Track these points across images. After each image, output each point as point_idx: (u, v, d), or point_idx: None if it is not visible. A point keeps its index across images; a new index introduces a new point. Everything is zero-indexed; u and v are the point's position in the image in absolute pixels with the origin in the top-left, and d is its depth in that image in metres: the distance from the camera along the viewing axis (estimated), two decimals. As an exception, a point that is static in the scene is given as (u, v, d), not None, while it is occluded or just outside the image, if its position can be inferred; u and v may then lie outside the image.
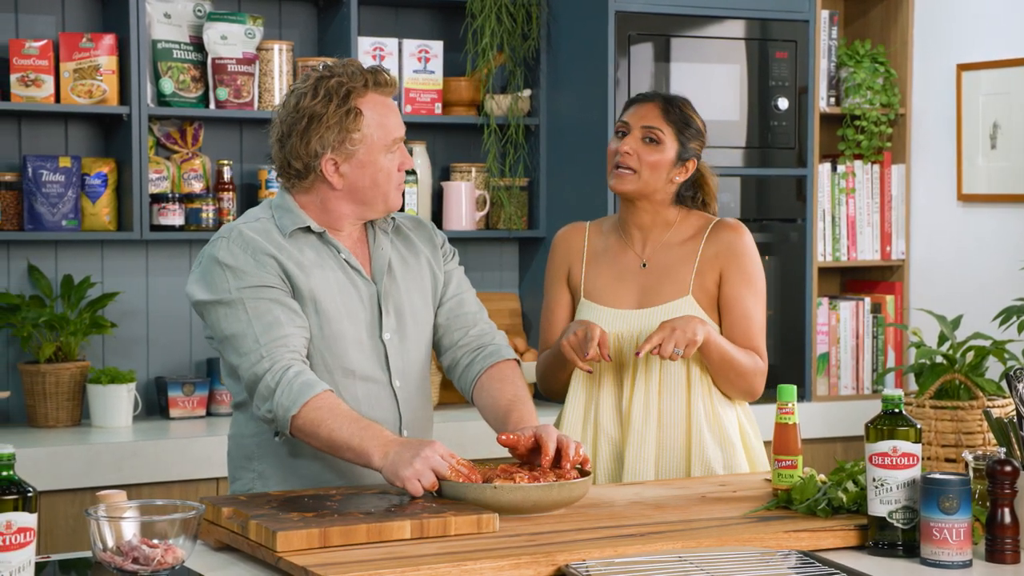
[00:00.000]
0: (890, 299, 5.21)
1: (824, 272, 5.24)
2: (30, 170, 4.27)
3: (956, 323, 3.83)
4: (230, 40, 4.46)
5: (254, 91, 4.50)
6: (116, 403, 4.25)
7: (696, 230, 3.24)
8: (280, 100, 2.87)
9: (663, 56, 4.66)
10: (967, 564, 2.38)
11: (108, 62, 4.31)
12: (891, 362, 5.18)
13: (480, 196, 4.86)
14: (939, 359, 3.69)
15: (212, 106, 4.47)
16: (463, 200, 4.80)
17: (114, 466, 3.96)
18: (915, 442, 2.46)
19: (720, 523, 2.56)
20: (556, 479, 2.62)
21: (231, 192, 4.49)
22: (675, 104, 3.22)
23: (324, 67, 2.82)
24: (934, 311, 4.03)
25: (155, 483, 4.00)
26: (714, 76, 4.73)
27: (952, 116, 5.04)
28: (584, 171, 4.68)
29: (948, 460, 3.53)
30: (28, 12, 4.41)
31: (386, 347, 2.86)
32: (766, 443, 3.25)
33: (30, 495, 2.06)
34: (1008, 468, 2.41)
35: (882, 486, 2.46)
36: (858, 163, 5.18)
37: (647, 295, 3.21)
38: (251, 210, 2.92)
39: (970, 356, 3.65)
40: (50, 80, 4.27)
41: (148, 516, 2.21)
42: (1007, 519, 2.41)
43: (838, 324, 5.13)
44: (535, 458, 2.69)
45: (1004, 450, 2.57)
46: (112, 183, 4.38)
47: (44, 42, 4.28)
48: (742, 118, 4.79)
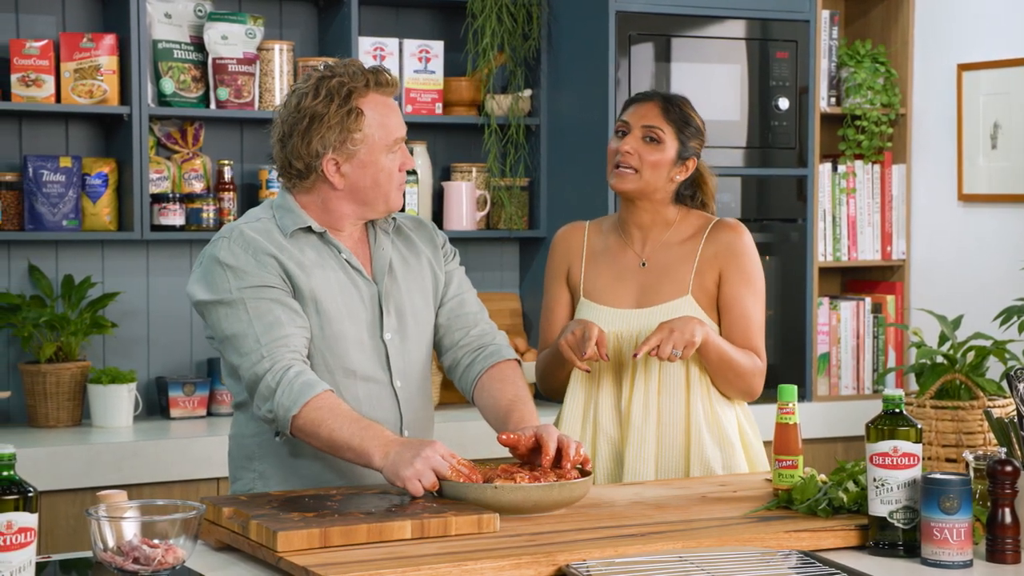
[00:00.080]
0: (891, 299, 5.21)
1: (825, 272, 5.24)
2: (31, 170, 4.27)
3: (957, 323, 3.83)
4: (231, 40, 4.46)
5: (255, 91, 4.50)
6: (117, 403, 4.25)
7: (696, 230, 3.24)
8: (281, 100, 2.87)
9: (664, 56, 4.66)
10: (968, 564, 2.38)
11: (109, 62, 4.31)
12: (892, 362, 5.18)
13: (481, 196, 4.86)
14: (940, 359, 3.69)
15: (213, 106, 4.47)
16: (464, 200, 4.80)
17: (115, 466, 3.96)
18: (916, 442, 2.46)
19: (721, 523, 2.56)
20: (557, 479, 2.62)
21: (232, 192, 4.49)
22: (675, 103, 3.22)
23: (325, 67, 2.82)
24: (935, 311, 4.03)
25: (156, 483, 4.00)
26: (715, 76, 4.73)
27: (953, 116, 5.04)
28: (585, 171, 4.68)
29: (949, 460, 3.53)
30: (29, 12, 4.41)
31: (387, 347, 2.86)
32: (766, 443, 3.25)
33: (31, 495, 2.06)
34: (1009, 468, 2.41)
35: (883, 486, 2.46)
36: (859, 163, 5.18)
37: (646, 294, 3.21)
38: (252, 210, 2.92)
39: (971, 356, 3.65)
40: (51, 80, 4.27)
41: (149, 516, 2.21)
42: (1008, 519, 2.41)
43: (839, 324, 5.13)
44: (536, 458, 2.69)
45: (1005, 450, 2.57)
46: (113, 183, 4.38)
47: (45, 42, 4.28)
48: (743, 118, 4.79)
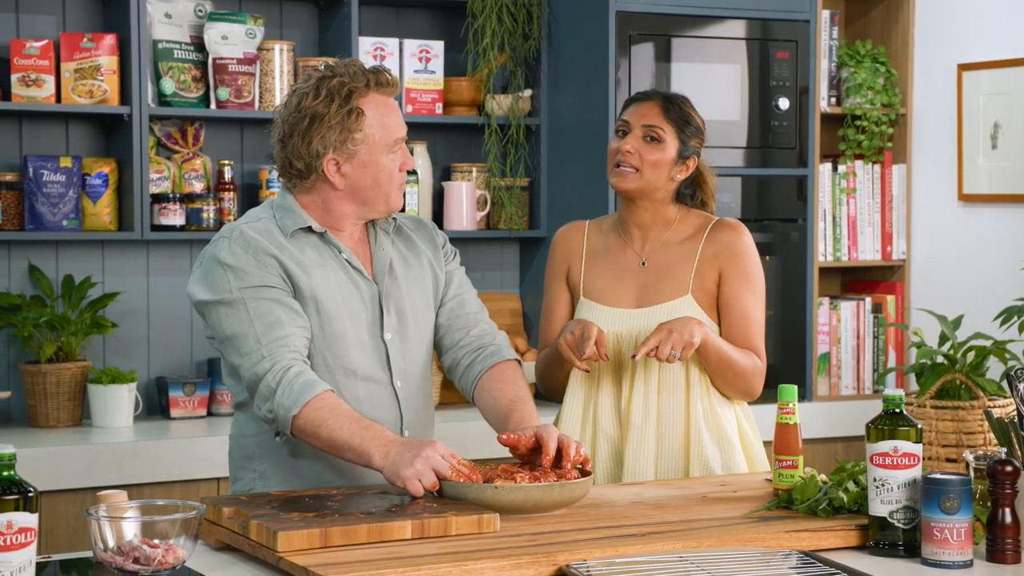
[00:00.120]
0: (891, 299, 5.21)
1: (825, 272, 5.24)
2: (31, 170, 4.27)
3: (957, 323, 3.83)
4: (231, 40, 4.46)
5: (255, 91, 4.50)
6: (117, 403, 4.25)
7: (695, 229, 3.24)
8: (282, 100, 2.87)
9: (664, 56, 4.66)
10: (968, 564, 2.38)
11: (109, 62, 4.31)
12: (892, 362, 5.18)
13: (481, 196, 4.86)
14: (940, 359, 3.69)
15: (213, 106, 4.47)
16: (464, 200, 4.80)
17: (115, 466, 3.96)
18: (916, 442, 2.46)
19: (721, 523, 2.56)
20: (557, 479, 2.62)
21: (232, 192, 4.49)
22: (675, 102, 3.21)
23: (326, 67, 2.82)
24: (935, 311, 4.03)
25: (156, 483, 4.00)
26: (715, 76, 4.73)
27: (953, 116, 5.04)
28: (585, 171, 4.68)
29: (949, 460, 3.53)
30: (29, 12, 4.41)
31: (387, 347, 2.86)
32: (765, 443, 3.25)
33: (31, 495, 2.06)
34: (1009, 468, 2.41)
35: (883, 486, 2.46)
36: (859, 163, 5.18)
37: (646, 294, 3.21)
38: (252, 210, 2.92)
39: (971, 356, 3.65)
40: (51, 80, 4.27)
41: (149, 516, 2.21)
42: (1008, 519, 2.41)
43: (839, 324, 5.13)
44: (536, 458, 2.69)
45: (1005, 450, 2.57)
46: (113, 183, 4.38)
47: (45, 42, 4.28)
48: (743, 118, 4.79)
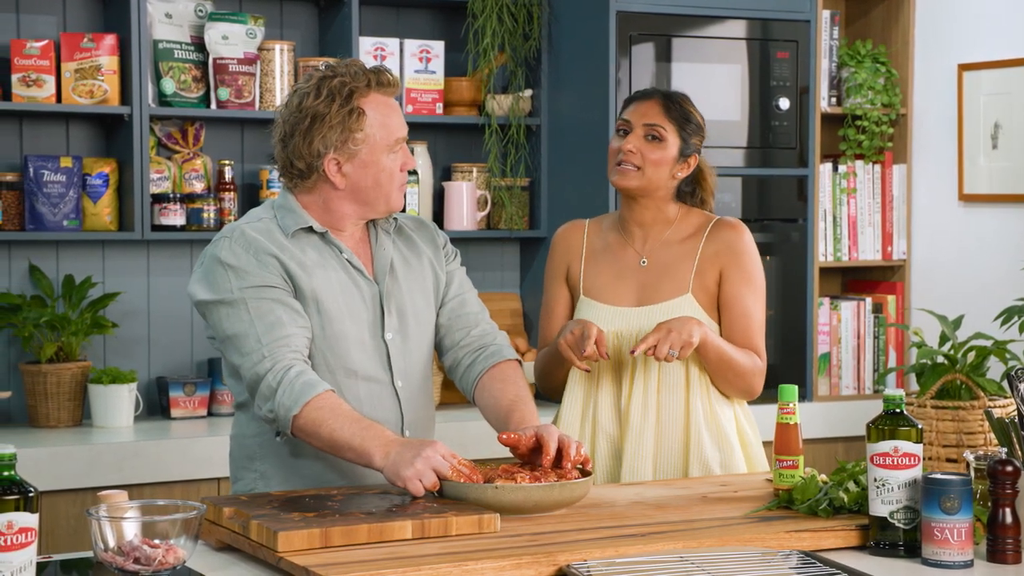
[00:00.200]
0: (891, 299, 5.21)
1: (825, 272, 5.24)
2: (31, 170, 4.27)
3: (957, 323, 3.83)
4: (231, 40, 4.46)
5: (255, 91, 4.50)
6: (117, 403, 4.25)
7: (696, 228, 3.24)
8: (282, 100, 2.87)
9: (664, 56, 4.66)
10: (968, 564, 2.38)
11: (109, 62, 4.31)
12: (892, 362, 5.18)
13: (481, 196, 4.86)
14: (940, 359, 3.69)
15: (213, 106, 4.47)
16: (464, 200, 4.80)
17: (115, 466, 3.96)
18: (916, 442, 2.46)
19: (721, 523, 2.56)
20: (557, 479, 2.62)
21: (232, 192, 4.49)
22: (675, 100, 3.21)
23: (327, 67, 2.82)
24: (935, 311, 4.03)
25: (156, 483, 4.00)
26: (715, 76, 4.73)
27: (953, 116, 5.04)
28: (585, 171, 4.68)
29: (949, 460, 3.53)
30: (29, 12, 4.41)
31: (388, 347, 2.86)
32: (765, 443, 3.25)
33: (31, 495, 2.06)
34: (1009, 468, 2.41)
35: (883, 486, 2.46)
36: (859, 163, 5.18)
37: (646, 293, 3.21)
38: (253, 210, 2.92)
39: (971, 356, 3.65)
40: (51, 80, 4.27)
41: (149, 516, 2.21)
42: (1008, 519, 2.41)
43: (839, 324, 5.13)
44: (536, 458, 2.69)
45: (1005, 450, 2.57)
46: (113, 183, 4.38)
47: (45, 42, 4.28)
48: (743, 118, 4.79)
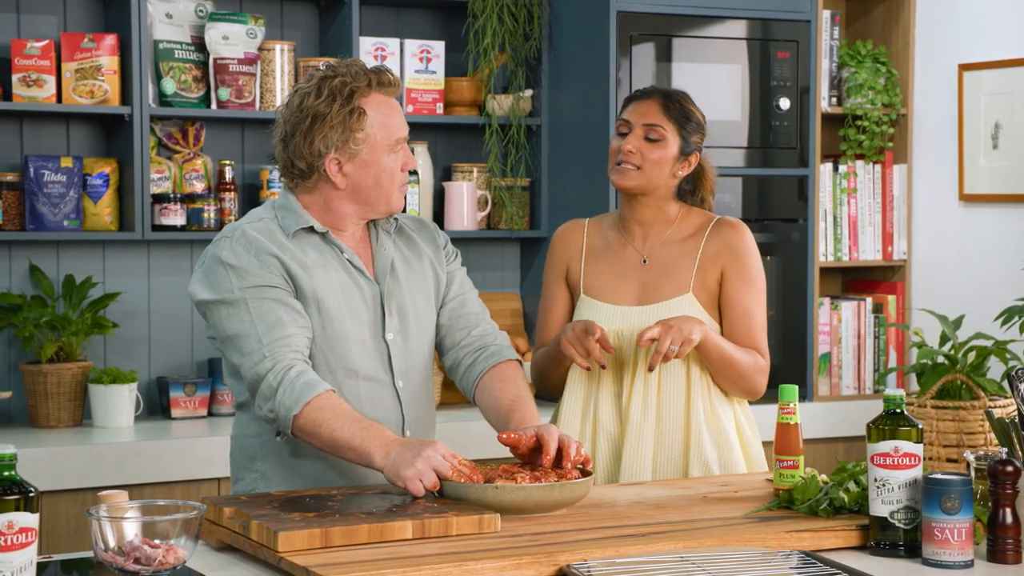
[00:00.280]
0: (892, 299, 5.21)
1: (826, 272, 5.24)
2: (32, 170, 4.27)
3: (958, 323, 3.83)
4: (232, 40, 4.46)
5: (256, 91, 4.50)
6: (118, 403, 4.25)
7: (697, 228, 3.24)
8: (283, 100, 2.87)
9: (665, 56, 4.66)
10: (969, 564, 2.38)
11: (110, 62, 4.31)
12: (893, 362, 5.18)
13: (482, 196, 4.86)
14: (941, 359, 3.70)
15: (214, 106, 4.47)
16: (464, 200, 4.80)
17: (116, 466, 3.96)
18: (917, 442, 2.46)
19: (722, 523, 2.56)
20: (558, 479, 2.62)
21: (232, 192, 4.49)
22: (675, 99, 3.21)
23: (328, 67, 2.82)
24: (936, 311, 4.03)
25: (157, 483, 4.00)
26: (716, 76, 4.73)
27: (954, 116, 5.04)
28: (586, 171, 4.68)
29: (950, 460, 3.53)
30: (30, 12, 4.41)
31: (389, 347, 2.86)
32: (765, 443, 3.25)
33: (32, 495, 2.07)
34: (1010, 468, 2.41)
35: (884, 486, 2.46)
36: (860, 163, 5.18)
37: (647, 292, 3.21)
38: (254, 210, 2.92)
39: (972, 356, 3.66)
40: (52, 80, 4.27)
41: (150, 516, 2.21)
42: (1009, 519, 2.41)
43: (840, 324, 5.13)
44: (536, 458, 2.69)
45: (1006, 450, 2.57)
46: (114, 183, 4.38)
47: (46, 42, 4.28)
48: (743, 118, 4.79)
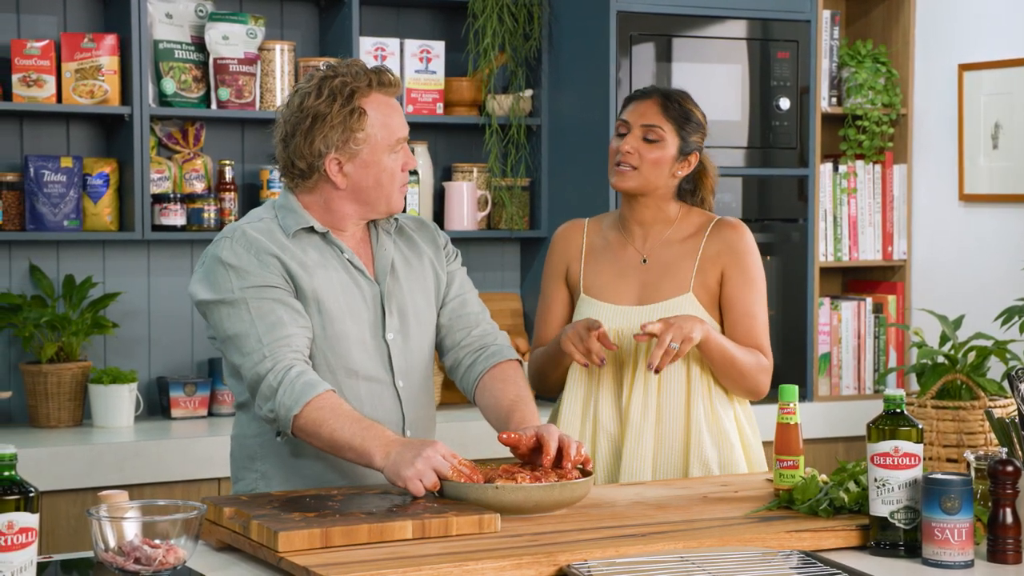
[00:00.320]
0: (892, 299, 5.21)
1: (826, 272, 5.24)
2: (32, 170, 4.27)
3: (958, 323, 3.84)
4: (232, 40, 4.46)
5: (256, 91, 4.50)
6: (118, 403, 4.25)
7: (697, 228, 3.24)
8: (284, 100, 2.87)
9: (665, 56, 4.66)
10: (969, 564, 2.38)
11: (110, 62, 4.31)
12: (893, 362, 5.18)
13: (482, 196, 4.86)
14: (941, 359, 3.70)
15: (214, 106, 4.47)
16: (464, 200, 4.80)
17: (116, 466, 3.96)
18: (917, 442, 2.46)
19: (722, 523, 2.56)
20: (558, 479, 2.62)
21: (233, 192, 4.49)
22: (674, 99, 3.20)
23: (328, 67, 2.82)
24: (936, 311, 4.04)
25: (157, 483, 4.00)
26: (715, 76, 4.73)
27: (954, 116, 5.04)
28: (586, 171, 4.68)
29: (950, 460, 3.53)
30: (30, 12, 4.41)
31: (389, 347, 2.86)
32: (765, 443, 3.25)
33: (32, 495, 2.07)
34: (1010, 468, 2.41)
35: (884, 486, 2.46)
36: (860, 163, 5.18)
37: (647, 291, 3.21)
38: (255, 210, 2.92)
39: (972, 356, 3.66)
40: (52, 80, 4.27)
41: (150, 516, 2.21)
42: (1009, 519, 2.41)
43: (840, 324, 5.13)
44: (536, 458, 2.69)
45: (1006, 450, 2.57)
46: (114, 183, 4.38)
47: (46, 42, 4.28)
48: (743, 118, 4.79)
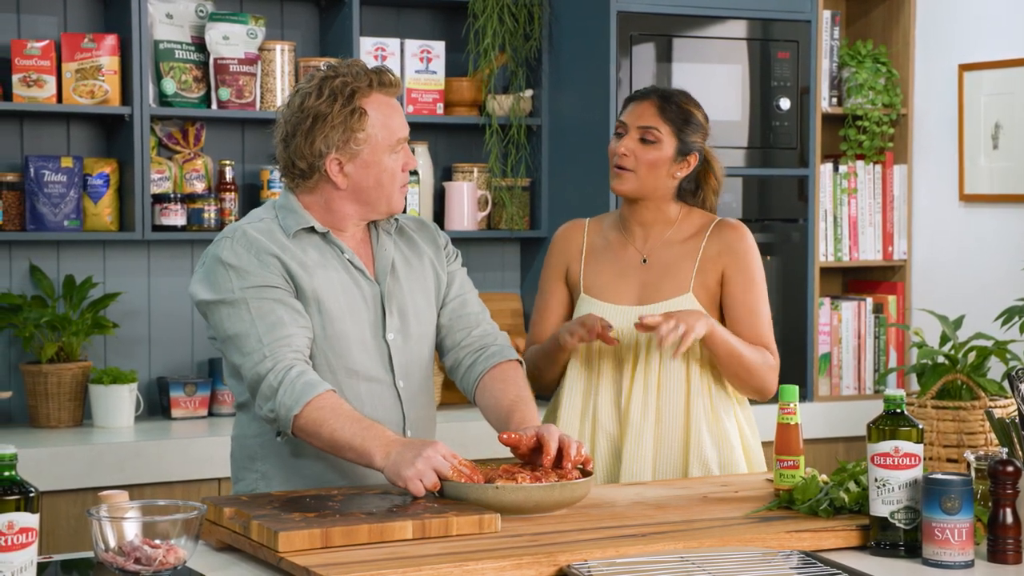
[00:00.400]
0: (892, 299, 5.21)
1: (826, 272, 5.24)
2: (32, 170, 4.27)
3: (958, 323, 3.84)
4: (232, 40, 4.46)
5: (256, 91, 4.50)
6: (118, 403, 4.25)
7: (697, 229, 3.24)
8: (284, 100, 2.87)
9: (665, 56, 4.66)
10: (969, 564, 2.38)
11: (110, 62, 4.31)
12: (893, 362, 5.18)
13: (482, 196, 4.86)
14: (941, 359, 3.70)
15: (214, 106, 4.47)
16: (465, 200, 4.80)
17: (116, 466, 3.96)
18: (917, 442, 2.46)
19: (722, 523, 2.56)
20: (558, 479, 2.62)
21: (233, 192, 4.49)
22: (672, 100, 3.20)
23: (329, 67, 2.82)
24: (936, 311, 4.04)
25: (157, 483, 4.00)
26: (716, 76, 4.73)
27: (954, 116, 5.04)
28: (586, 171, 4.68)
29: (950, 460, 3.53)
30: (30, 12, 4.41)
31: (389, 347, 2.86)
32: (765, 443, 3.25)
33: (32, 495, 2.07)
34: (1010, 468, 2.41)
35: (884, 486, 2.46)
36: (860, 163, 5.18)
37: (647, 291, 3.21)
38: (255, 210, 2.92)
39: (972, 356, 3.66)
40: (52, 80, 4.27)
41: (150, 516, 2.21)
42: (1009, 519, 2.41)
43: (840, 324, 5.13)
44: (537, 458, 2.69)
45: (1006, 450, 2.57)
46: (114, 183, 4.38)
47: (46, 42, 4.28)
48: (744, 118, 4.79)
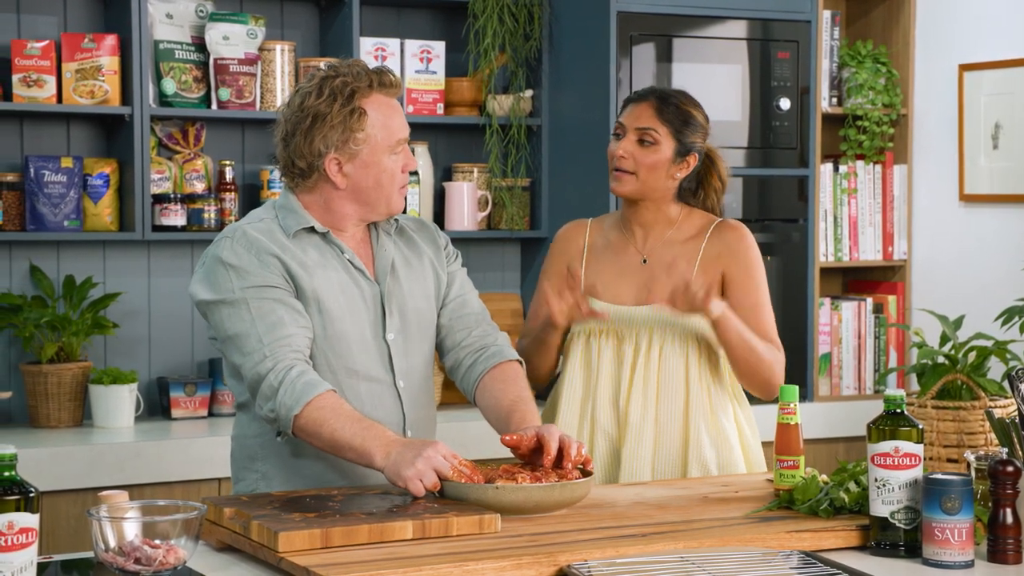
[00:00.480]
0: (892, 299, 5.21)
1: (826, 272, 5.24)
2: (32, 170, 4.27)
3: (958, 323, 3.84)
4: (232, 40, 4.46)
5: (256, 91, 4.50)
6: (118, 403, 4.25)
7: (698, 230, 3.24)
8: (285, 99, 2.87)
9: (665, 56, 4.66)
10: (969, 564, 2.38)
11: (110, 62, 4.31)
12: (893, 362, 5.18)
13: (482, 196, 4.86)
14: (941, 359, 3.70)
15: (214, 106, 4.47)
16: (465, 200, 4.80)
17: (116, 466, 3.96)
18: (917, 442, 2.46)
19: (722, 523, 2.56)
20: (558, 479, 2.62)
21: (233, 192, 4.49)
22: (670, 101, 3.19)
23: (329, 67, 2.82)
24: (936, 311, 4.04)
25: (157, 483, 4.00)
26: (716, 76, 4.73)
27: (954, 116, 5.04)
28: (586, 171, 4.68)
29: (950, 460, 3.53)
30: (30, 12, 4.41)
31: (390, 347, 2.86)
32: (765, 444, 3.25)
33: (32, 495, 2.07)
34: (1010, 468, 2.41)
35: (884, 486, 2.46)
36: (860, 163, 5.18)
37: (647, 292, 3.21)
38: (255, 210, 2.92)
39: (972, 356, 3.66)
40: (52, 80, 4.28)
41: (150, 516, 2.21)
42: (1009, 519, 2.41)
43: (840, 324, 5.13)
44: (537, 458, 2.69)
45: (1006, 450, 2.57)
46: (114, 183, 4.38)
47: (46, 42, 4.28)
48: (744, 118, 4.79)
